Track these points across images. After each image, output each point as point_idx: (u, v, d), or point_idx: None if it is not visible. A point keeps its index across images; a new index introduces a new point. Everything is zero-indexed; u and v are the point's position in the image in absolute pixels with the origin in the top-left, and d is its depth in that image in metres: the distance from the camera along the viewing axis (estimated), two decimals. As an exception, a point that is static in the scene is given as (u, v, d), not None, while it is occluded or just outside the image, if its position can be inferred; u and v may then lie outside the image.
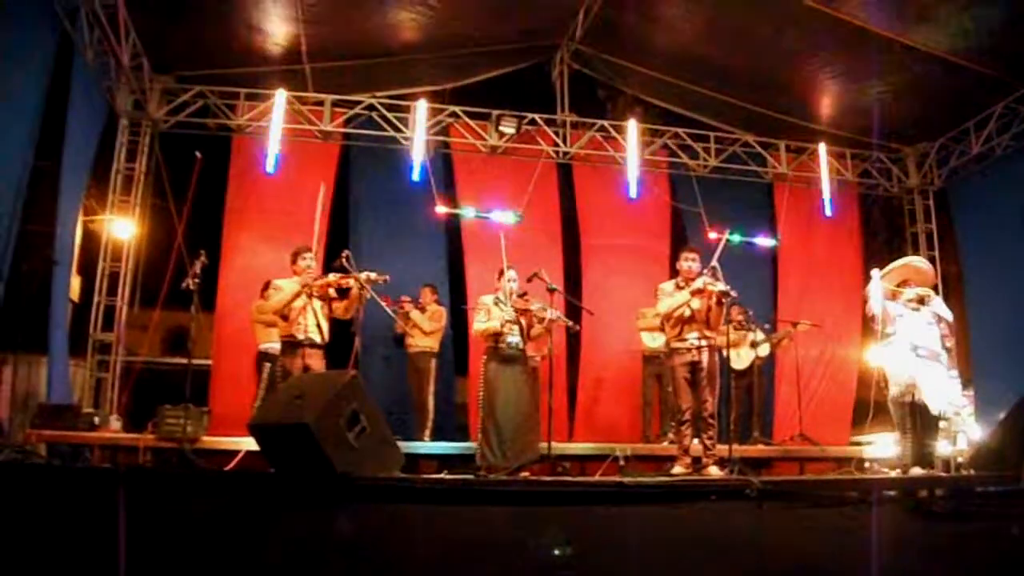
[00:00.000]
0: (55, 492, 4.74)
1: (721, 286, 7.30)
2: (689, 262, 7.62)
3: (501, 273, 7.85)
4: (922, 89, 11.31)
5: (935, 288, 8.01)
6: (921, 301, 7.61)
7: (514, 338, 7.63)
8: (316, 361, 7.36)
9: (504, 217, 11.58)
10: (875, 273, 7.90)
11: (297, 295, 7.32)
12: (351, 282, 7.38)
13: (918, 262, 8.50)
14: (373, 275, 7.37)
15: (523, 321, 7.76)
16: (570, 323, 8.24)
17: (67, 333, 9.80)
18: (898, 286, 7.81)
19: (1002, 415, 7.42)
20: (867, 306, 7.93)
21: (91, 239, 10.75)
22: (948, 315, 7.70)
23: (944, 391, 7.40)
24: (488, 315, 7.70)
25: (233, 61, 11.27)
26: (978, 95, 11.41)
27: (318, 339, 7.38)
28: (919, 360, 7.38)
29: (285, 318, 7.37)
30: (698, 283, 7.39)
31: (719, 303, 7.35)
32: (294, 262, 7.54)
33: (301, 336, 7.31)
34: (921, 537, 5.38)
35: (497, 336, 7.62)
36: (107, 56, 10.06)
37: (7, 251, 7.76)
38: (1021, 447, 6.33)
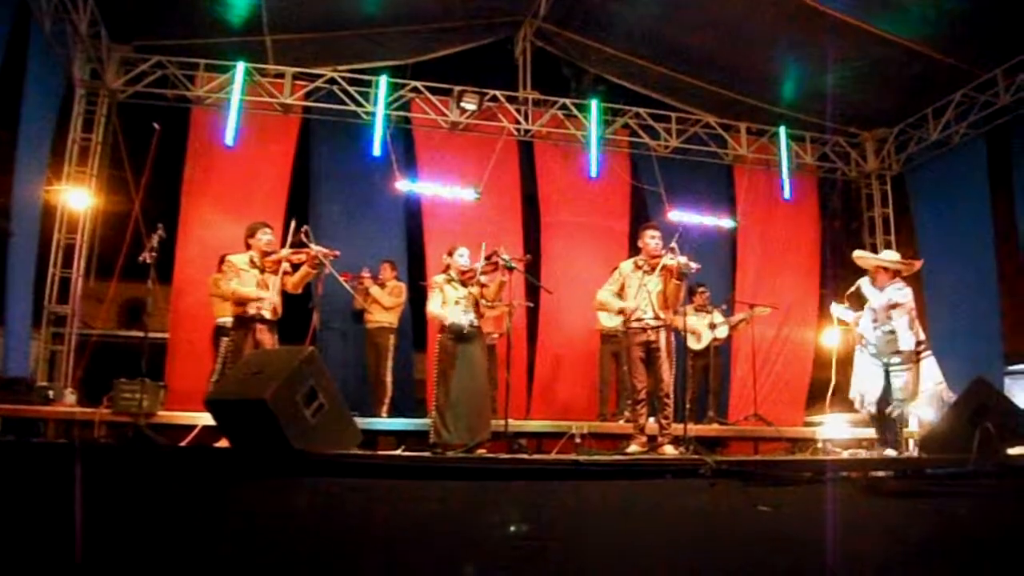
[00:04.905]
0: (9, 467, 4.68)
1: (683, 259, 7.21)
2: (654, 240, 7.53)
3: (451, 251, 7.83)
4: (882, 75, 11.44)
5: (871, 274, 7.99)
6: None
7: (468, 315, 7.60)
8: (268, 337, 7.30)
9: (464, 193, 11.63)
10: (834, 309, 8.11)
11: (253, 298, 7.27)
12: (303, 257, 7.34)
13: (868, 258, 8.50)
14: (324, 250, 7.36)
15: (476, 293, 7.71)
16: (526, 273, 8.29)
17: (30, 306, 9.66)
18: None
19: (954, 399, 7.53)
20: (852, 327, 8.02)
21: (45, 210, 10.58)
22: (901, 299, 7.73)
23: (875, 386, 7.63)
24: (443, 294, 7.64)
25: (193, 31, 11.08)
26: (937, 82, 11.56)
27: (270, 315, 7.32)
28: (870, 359, 7.63)
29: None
30: (666, 259, 7.29)
31: (680, 277, 7.27)
32: (251, 236, 7.43)
33: (252, 312, 7.24)
34: (873, 516, 5.45)
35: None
36: (64, 24, 9.86)
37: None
38: (971, 431, 6.43)
